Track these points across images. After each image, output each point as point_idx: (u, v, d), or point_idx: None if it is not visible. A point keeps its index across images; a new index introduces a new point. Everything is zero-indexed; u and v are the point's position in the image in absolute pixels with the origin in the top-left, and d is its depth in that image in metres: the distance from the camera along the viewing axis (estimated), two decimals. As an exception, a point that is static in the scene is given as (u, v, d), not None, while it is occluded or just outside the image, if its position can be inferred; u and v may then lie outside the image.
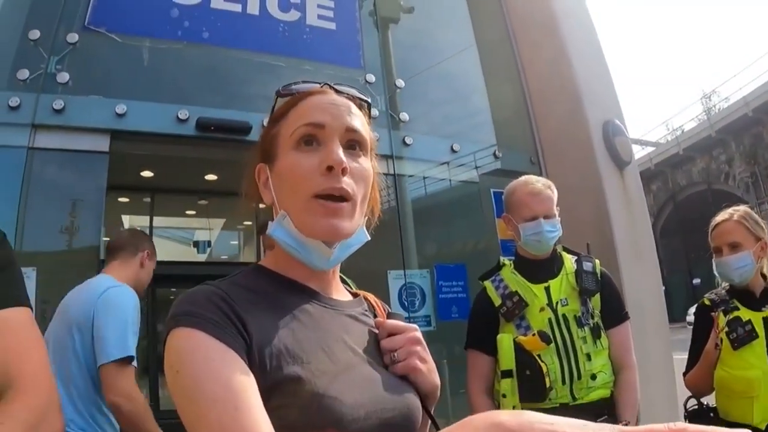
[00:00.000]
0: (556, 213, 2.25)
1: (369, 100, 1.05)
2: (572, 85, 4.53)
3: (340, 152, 0.91)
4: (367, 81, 4.10)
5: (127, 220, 8.79)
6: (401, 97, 4.27)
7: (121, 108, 3.23)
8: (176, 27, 3.62)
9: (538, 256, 2.25)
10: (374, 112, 3.97)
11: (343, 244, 0.94)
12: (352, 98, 1.00)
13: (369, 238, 1.01)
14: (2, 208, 2.90)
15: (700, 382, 2.28)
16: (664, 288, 4.82)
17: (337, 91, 0.99)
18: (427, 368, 0.98)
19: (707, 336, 2.23)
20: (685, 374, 2.39)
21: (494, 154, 4.51)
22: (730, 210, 2.31)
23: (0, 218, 2.86)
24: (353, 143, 0.95)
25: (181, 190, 6.74)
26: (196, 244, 8.39)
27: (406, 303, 3.80)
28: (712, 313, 2.25)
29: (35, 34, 3.24)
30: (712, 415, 2.24)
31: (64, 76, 3.21)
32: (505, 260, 2.36)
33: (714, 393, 2.25)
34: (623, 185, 4.48)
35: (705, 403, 2.31)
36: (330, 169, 0.89)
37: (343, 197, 0.90)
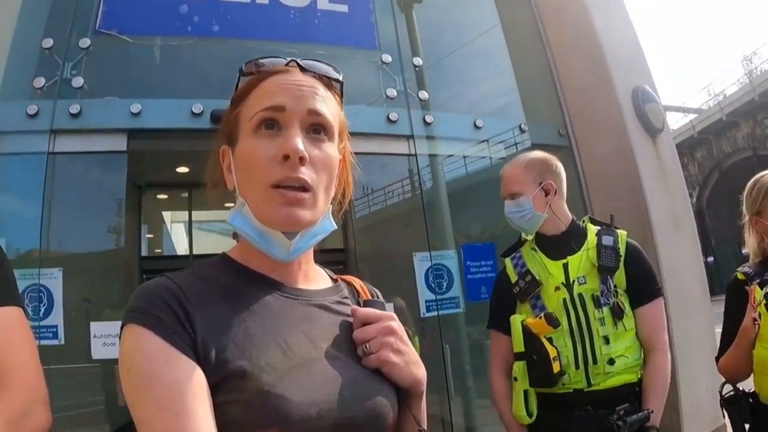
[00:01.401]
0: (523, 190, 2.12)
1: (340, 78, 0.98)
2: (599, 52, 4.35)
3: (299, 140, 0.85)
4: (383, 61, 4.02)
5: (168, 216, 9.00)
6: (420, 76, 4.17)
7: (136, 107, 3.26)
8: (186, 23, 3.63)
9: (547, 232, 2.15)
10: (392, 92, 3.94)
11: (305, 234, 0.89)
12: (320, 77, 0.94)
13: (335, 227, 0.96)
14: (27, 212, 2.98)
15: (737, 365, 2.05)
16: (712, 258, 4.66)
17: (303, 69, 0.93)
18: (404, 361, 0.90)
19: (742, 314, 2.00)
20: (717, 358, 2.17)
21: (520, 128, 4.37)
22: None
23: (25, 222, 2.95)
24: (317, 127, 0.90)
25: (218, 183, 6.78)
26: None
27: (433, 285, 3.72)
28: (747, 287, 2.03)
29: (48, 42, 3.30)
30: (751, 400, 2.03)
31: (78, 81, 3.26)
32: (527, 236, 2.26)
33: (752, 376, 2.02)
34: (656, 153, 4.30)
35: (741, 388, 2.09)
36: (286, 158, 0.84)
37: (303, 188, 0.85)
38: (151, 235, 8.54)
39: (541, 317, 1.93)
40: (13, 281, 1.17)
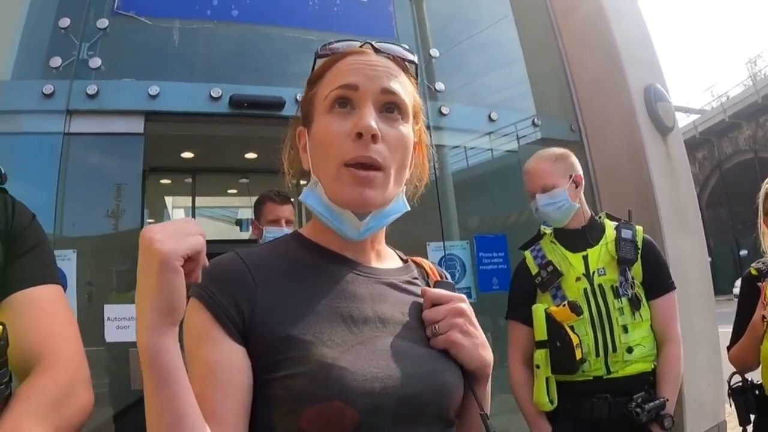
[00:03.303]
0: (562, 182, 2.16)
1: (415, 60, 0.99)
2: (612, 49, 4.35)
3: (371, 118, 0.86)
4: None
5: (170, 201, 9.00)
6: (436, 66, 4.17)
7: (153, 89, 3.24)
8: (205, 6, 3.61)
9: (569, 226, 2.19)
10: (411, 81, 3.92)
11: (377, 214, 0.90)
12: (394, 59, 0.95)
13: (408, 208, 0.96)
14: (41, 192, 2.96)
15: (746, 357, 2.14)
16: (710, 259, 4.67)
17: (377, 51, 0.94)
18: (472, 343, 0.90)
19: (754, 308, 2.08)
20: (729, 348, 2.25)
21: (533, 122, 4.38)
22: None
23: (39, 203, 2.92)
24: (391, 106, 0.90)
25: (222, 169, 6.79)
26: (238, 222, 8.49)
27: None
28: (759, 284, 2.11)
29: (65, 22, 3.26)
30: (757, 392, 2.12)
31: (96, 62, 3.23)
32: (546, 229, 2.31)
33: (760, 368, 2.11)
34: (666, 152, 4.32)
35: (750, 379, 2.17)
36: (360, 135, 0.85)
37: (375, 166, 0.86)
38: (152, 220, 8.56)
39: (564, 305, 1.97)
40: (54, 260, 1.17)
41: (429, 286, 0.98)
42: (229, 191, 8.27)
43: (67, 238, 3.03)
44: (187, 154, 6.03)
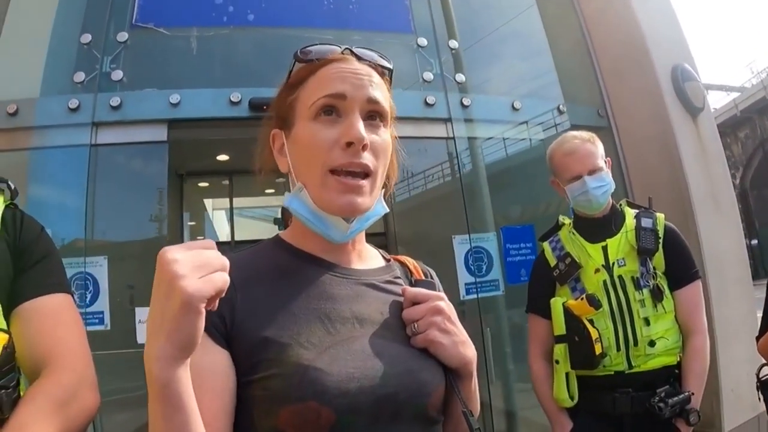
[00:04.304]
0: (603, 165, 2.09)
1: (391, 67, 1.00)
2: (637, 30, 4.24)
3: (361, 127, 0.88)
4: (419, 45, 4.00)
5: (210, 204, 9.18)
6: (456, 58, 4.14)
7: (175, 98, 3.32)
8: (221, 13, 3.67)
9: (595, 214, 2.12)
10: (429, 75, 3.93)
11: (361, 218, 0.92)
12: (374, 65, 0.96)
13: (387, 210, 0.98)
14: (71, 203, 3.08)
15: None
16: (756, 241, 4.53)
17: (359, 57, 0.95)
18: (451, 341, 0.91)
19: None
20: (758, 338, 2.14)
21: (558, 109, 4.31)
22: None
23: (70, 212, 3.05)
24: (374, 114, 0.92)
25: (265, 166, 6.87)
26: (277, 221, 8.61)
27: (473, 268, 3.72)
28: None
29: (87, 37, 3.38)
30: None
31: (118, 74, 3.34)
32: (565, 219, 2.25)
33: None
34: (697, 133, 4.19)
35: None
36: (350, 144, 0.87)
37: (364, 173, 0.88)
38: (193, 223, 8.74)
39: (582, 298, 1.93)
40: (62, 269, 1.21)
41: (411, 285, 0.99)
42: (267, 191, 8.40)
43: (98, 245, 3.14)
44: (223, 157, 6.15)
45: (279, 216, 8.42)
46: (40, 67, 3.34)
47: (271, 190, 8.23)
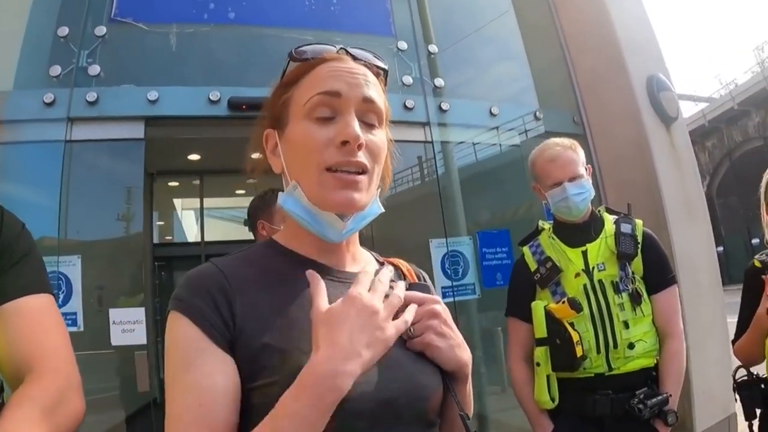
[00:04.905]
0: (584, 172, 2.13)
1: (386, 67, 1.00)
2: (613, 40, 4.32)
3: (357, 126, 0.87)
4: (399, 48, 4.01)
5: (179, 204, 9.04)
6: (436, 63, 4.16)
7: (153, 95, 3.26)
8: (202, 10, 3.63)
9: (575, 220, 2.15)
10: (408, 79, 3.93)
11: (357, 216, 0.91)
12: (369, 65, 0.95)
13: (383, 210, 0.97)
14: (45, 199, 2.99)
15: (750, 351, 2.08)
16: (722, 248, 4.64)
17: (354, 57, 0.94)
18: (447, 344, 0.90)
19: (758, 300, 2.02)
20: (734, 342, 2.20)
21: (535, 115, 4.36)
22: None
23: (43, 209, 2.97)
24: (369, 114, 0.91)
25: (229, 170, 6.83)
26: (246, 222, 8.49)
27: (449, 271, 3.74)
28: (763, 276, 2.02)
29: (64, 30, 3.30)
30: (763, 386, 2.07)
31: (95, 69, 3.26)
32: (545, 224, 2.29)
33: (765, 362, 2.05)
34: (671, 142, 4.28)
35: (755, 373, 2.13)
36: (345, 143, 0.86)
37: (360, 171, 0.87)
38: (162, 223, 8.61)
39: (564, 302, 1.95)
40: (44, 268, 1.17)
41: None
42: (238, 191, 8.32)
43: (71, 244, 3.06)
44: (194, 157, 6.07)
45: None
46: (14, 59, 3.24)
47: (242, 191, 8.16)
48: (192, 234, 9.72)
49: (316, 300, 0.79)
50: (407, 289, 0.94)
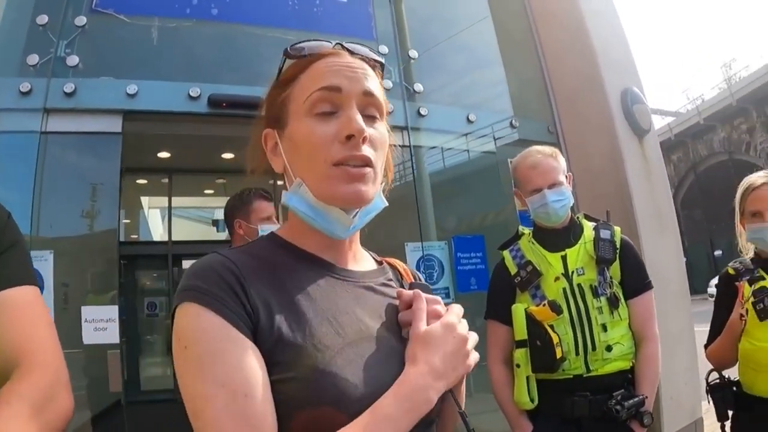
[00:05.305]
0: (564, 180, 2.18)
1: (383, 61, 1.00)
2: (590, 52, 4.42)
3: (360, 119, 0.87)
4: (380, 52, 4.01)
5: (146, 202, 8.88)
6: (415, 68, 4.19)
7: (132, 88, 3.21)
8: (185, 5, 3.59)
9: (555, 226, 2.20)
10: (388, 83, 3.94)
11: (363, 211, 0.91)
12: (366, 59, 0.95)
13: (386, 204, 0.97)
14: (17, 192, 2.91)
15: (723, 354, 2.18)
16: (685, 260, 4.75)
17: (351, 52, 0.94)
18: None
19: (731, 306, 2.12)
20: (706, 346, 2.29)
21: (511, 123, 4.43)
22: (762, 173, 2.17)
23: (15, 202, 2.87)
24: (370, 108, 0.91)
25: (199, 169, 6.77)
26: (215, 222, 8.39)
27: (424, 275, 3.75)
28: (737, 283, 2.14)
29: (43, 19, 3.22)
30: (735, 388, 2.16)
31: (73, 59, 3.19)
32: (525, 229, 2.33)
33: (737, 366, 2.15)
34: (643, 154, 4.39)
35: (727, 376, 2.22)
36: (350, 137, 0.85)
37: (366, 164, 0.87)
38: (128, 221, 8.44)
39: (545, 304, 1.99)
40: (29, 260, 1.13)
41: (403, 288, 0.98)
42: (206, 191, 8.22)
43: (43, 238, 2.98)
44: (164, 154, 5.97)
45: (216, 218, 8.27)
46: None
47: (211, 191, 8.07)
48: (158, 233, 9.56)
49: (417, 320, 0.86)
50: (409, 289, 0.95)
